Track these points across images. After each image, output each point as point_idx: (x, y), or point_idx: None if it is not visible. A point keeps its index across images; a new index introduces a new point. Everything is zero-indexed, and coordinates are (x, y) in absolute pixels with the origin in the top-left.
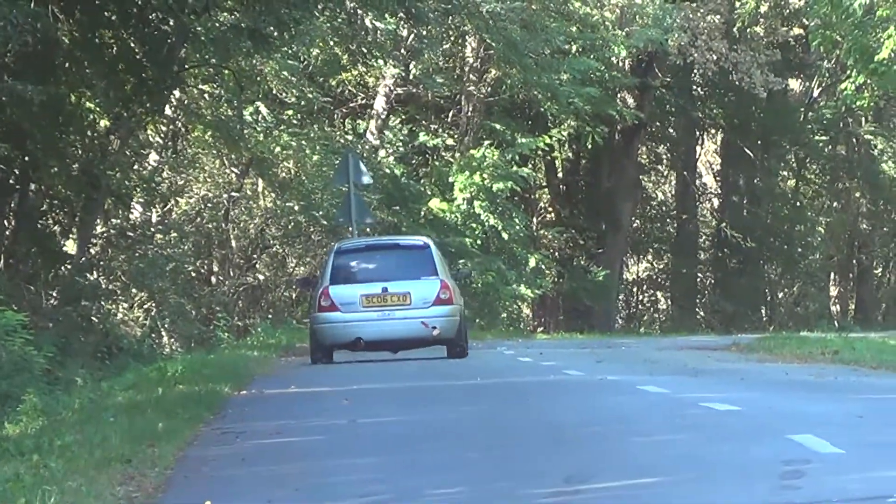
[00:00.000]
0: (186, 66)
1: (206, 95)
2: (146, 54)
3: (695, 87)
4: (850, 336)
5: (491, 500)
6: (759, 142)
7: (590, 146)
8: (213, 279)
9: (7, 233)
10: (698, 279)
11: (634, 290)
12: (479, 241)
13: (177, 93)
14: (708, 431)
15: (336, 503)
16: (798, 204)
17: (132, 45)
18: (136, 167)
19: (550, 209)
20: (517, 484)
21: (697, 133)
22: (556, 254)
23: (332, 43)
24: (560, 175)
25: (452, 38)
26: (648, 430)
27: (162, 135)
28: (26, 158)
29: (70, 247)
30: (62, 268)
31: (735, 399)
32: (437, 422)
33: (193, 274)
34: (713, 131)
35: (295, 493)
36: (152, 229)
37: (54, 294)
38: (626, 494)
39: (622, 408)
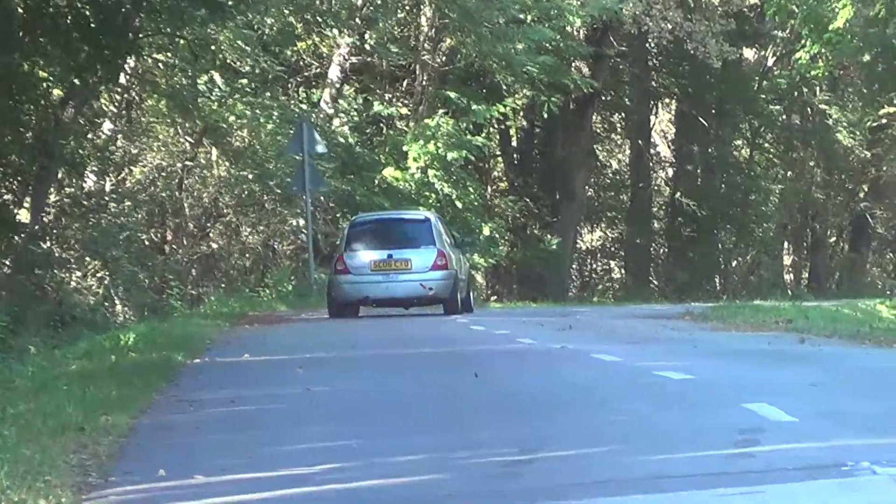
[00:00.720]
0: (141, 35)
1: (160, 64)
2: (100, 23)
3: (649, 56)
4: (804, 305)
5: (444, 469)
6: (714, 111)
7: (545, 115)
8: (167, 248)
9: None
10: (652, 248)
11: (588, 258)
12: (433, 210)
13: (131, 62)
14: (662, 400)
15: (290, 471)
16: (752, 173)
17: (87, 14)
18: (90, 136)
19: (504, 178)
20: (471, 452)
21: (652, 102)
22: (510, 223)
23: (286, 12)
24: (514, 144)
25: (407, 7)
26: (603, 399)
27: (116, 104)
28: None
29: (23, 216)
30: (15, 237)
31: (689, 367)
32: (390, 390)
33: (147, 243)
34: (667, 100)
35: (249, 462)
36: (106, 198)
37: (7, 263)
38: (580, 463)
39: (576, 376)
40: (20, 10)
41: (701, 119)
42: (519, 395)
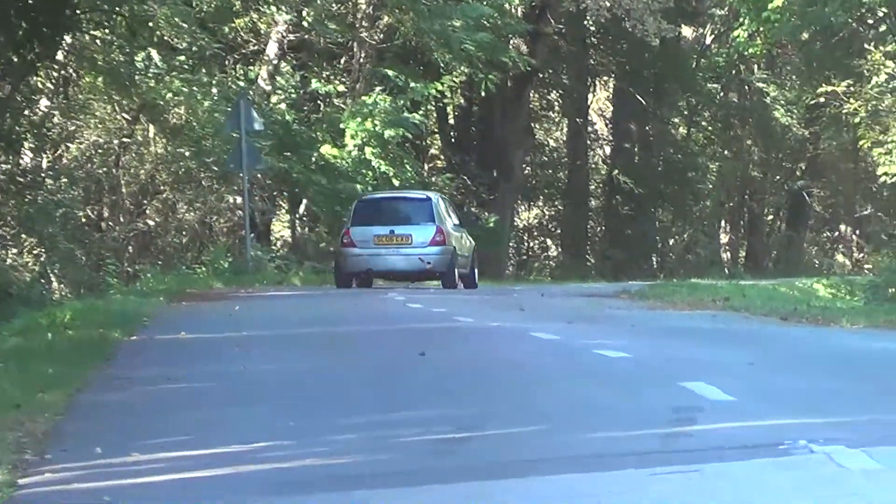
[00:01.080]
0: (78, 12)
1: (97, 41)
2: None
3: (587, 34)
4: (741, 283)
5: (381, 448)
6: (652, 89)
7: (482, 93)
8: (104, 225)
9: None
10: (589, 226)
11: (525, 236)
12: (370, 188)
13: (68, 38)
14: (600, 378)
15: (227, 449)
16: (690, 151)
17: None
18: (26, 113)
19: (442, 156)
20: (407, 431)
21: (589, 80)
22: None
23: None
24: (452, 122)
25: None
26: (540, 377)
27: (53, 80)
28: None
29: None
30: None
31: (626, 346)
32: (327, 369)
33: (83, 220)
34: (605, 78)
35: (185, 440)
36: (42, 175)
37: None
38: (516, 441)
39: (514, 354)
40: None
41: (639, 97)
42: (456, 374)
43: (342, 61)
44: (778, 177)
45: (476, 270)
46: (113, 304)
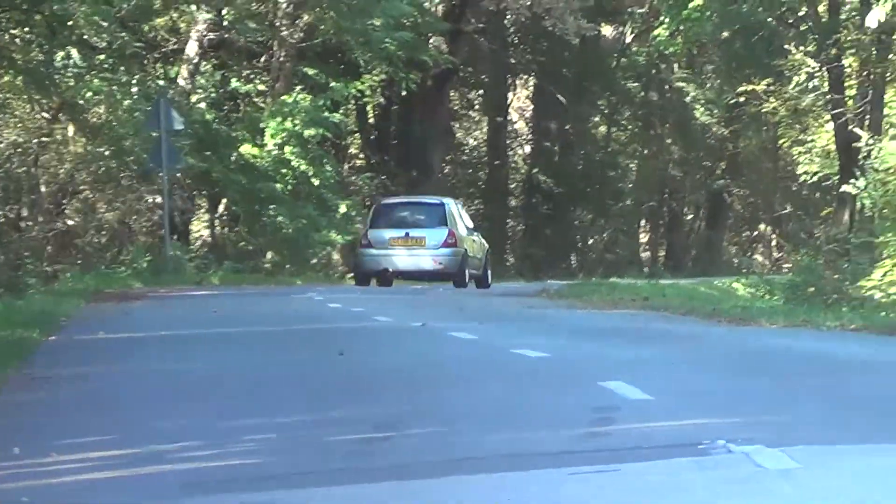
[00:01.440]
0: None
1: (16, 40)
2: None
3: (507, 32)
4: (660, 282)
5: (302, 447)
6: (572, 88)
7: (402, 92)
8: (22, 225)
9: None
10: (509, 225)
11: None
12: (290, 187)
13: None
14: (519, 378)
15: (145, 448)
16: (610, 150)
17: None
18: None
19: (362, 155)
20: (327, 431)
21: (509, 79)
22: (367, 200)
23: None
24: (372, 121)
25: None
26: (459, 377)
27: None
28: None
29: None
30: None
31: (545, 345)
32: (247, 368)
33: (2, 219)
34: (525, 77)
35: (105, 440)
36: None
37: None
38: (435, 441)
39: (433, 354)
40: None
41: (559, 96)
42: (375, 374)
43: (262, 60)
44: (698, 176)
45: (489, 272)
46: (32, 304)
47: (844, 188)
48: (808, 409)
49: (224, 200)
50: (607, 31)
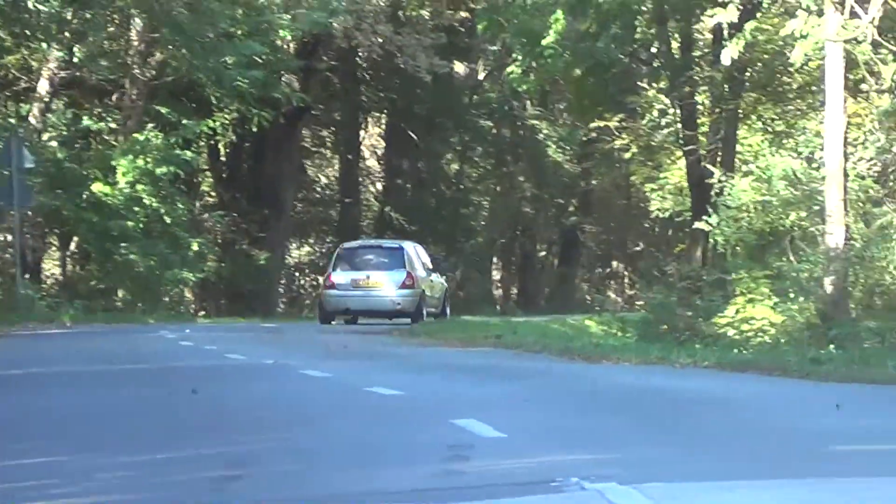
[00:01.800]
0: None
1: None
2: None
3: (359, 70)
4: (513, 320)
5: (153, 486)
6: (424, 125)
7: (254, 130)
8: None
9: None
10: None
11: (297, 274)
12: (141, 225)
13: None
14: (372, 416)
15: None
16: (462, 187)
17: None
18: None
19: (213, 193)
20: (181, 468)
21: (362, 116)
22: (219, 238)
23: None
24: (224, 158)
25: (117, 21)
26: (312, 415)
27: None
28: None
29: None
30: None
31: (398, 383)
32: (101, 407)
33: None
34: (378, 115)
35: None
36: None
37: None
38: (288, 479)
39: (286, 393)
40: None
41: (411, 133)
42: (229, 412)
43: (114, 98)
44: (551, 213)
45: (448, 310)
46: None
47: (697, 225)
48: (662, 446)
49: (75, 238)
50: (460, 68)
